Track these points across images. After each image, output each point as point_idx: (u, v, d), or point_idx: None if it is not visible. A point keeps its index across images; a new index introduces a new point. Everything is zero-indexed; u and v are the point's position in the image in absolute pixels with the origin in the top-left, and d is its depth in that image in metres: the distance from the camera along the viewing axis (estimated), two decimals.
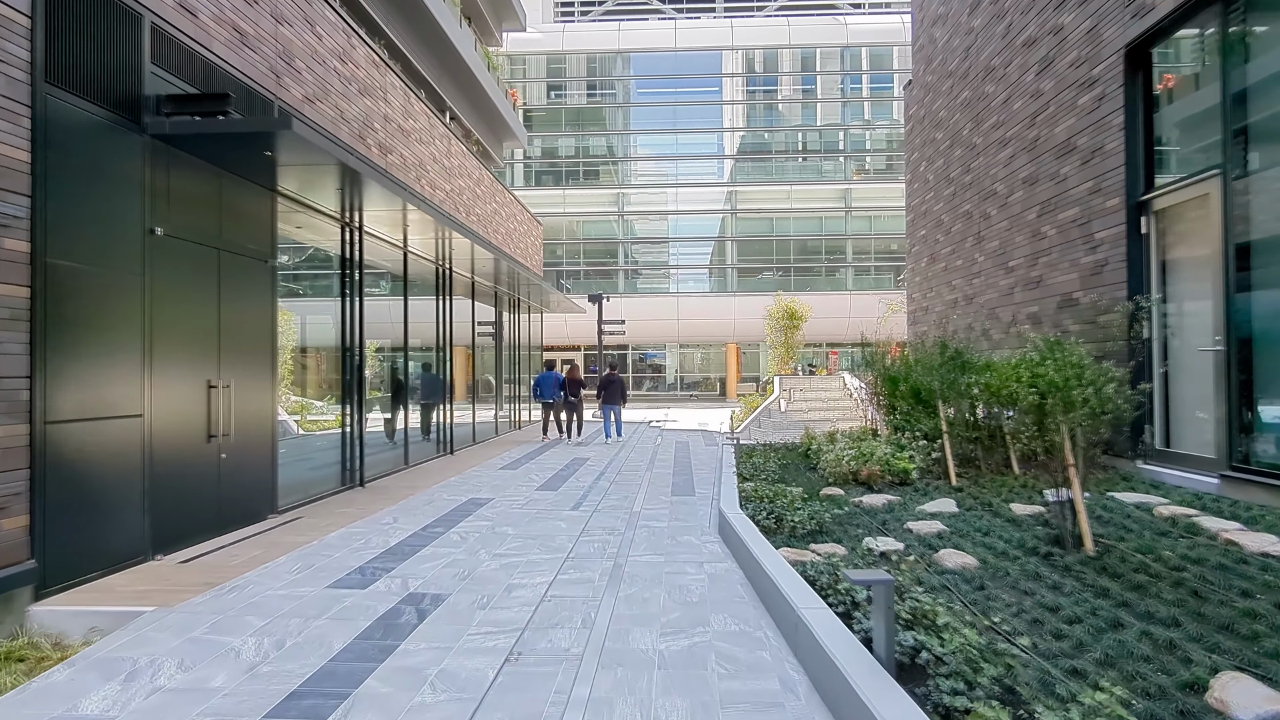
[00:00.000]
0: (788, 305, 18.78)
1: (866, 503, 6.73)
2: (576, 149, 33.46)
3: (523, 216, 17.58)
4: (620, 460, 11.28)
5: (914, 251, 12.32)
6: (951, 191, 10.58)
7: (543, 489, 8.51)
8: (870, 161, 32.53)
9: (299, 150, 5.89)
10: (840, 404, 16.54)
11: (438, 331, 11.75)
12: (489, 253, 11.95)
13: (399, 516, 6.84)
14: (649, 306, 31.17)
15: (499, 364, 16.72)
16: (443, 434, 11.71)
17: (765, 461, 9.16)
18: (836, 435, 10.19)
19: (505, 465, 10.59)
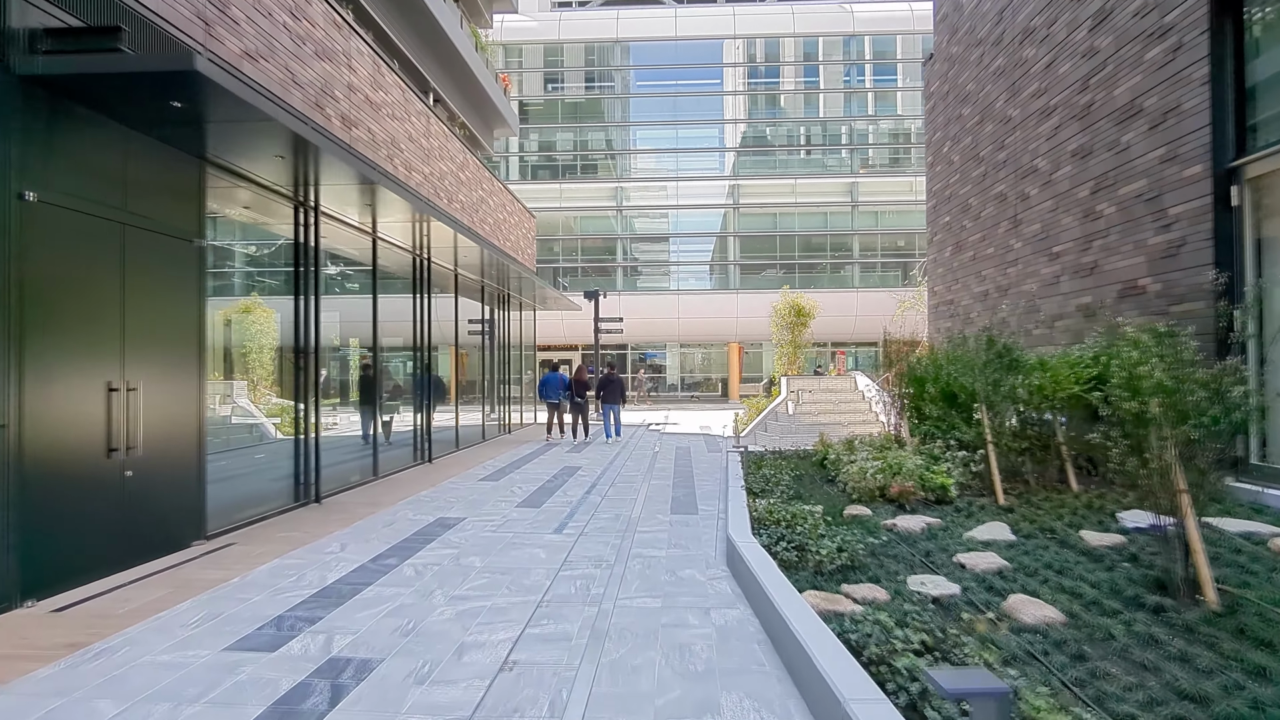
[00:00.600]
0: (794, 302, 17.75)
1: (902, 527, 5.69)
2: (574, 142, 32.44)
3: (514, 208, 16.55)
4: (615, 469, 10.24)
5: (936, 240, 11.30)
6: (981, 172, 9.56)
7: (524, 505, 7.46)
8: (874, 155, 31.50)
9: (221, 104, 4.85)
10: (853, 407, 15.50)
11: (415, 328, 10.72)
12: (474, 243, 10.93)
13: (349, 542, 5.80)
14: (649, 305, 30.14)
15: (487, 364, 15.69)
16: (420, 440, 10.67)
17: (777, 473, 8.12)
18: (856, 443, 9.15)
19: (486, 476, 9.55)
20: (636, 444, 13.88)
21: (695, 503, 7.69)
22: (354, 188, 7.36)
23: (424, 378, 10.80)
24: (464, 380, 13.64)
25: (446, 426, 12.36)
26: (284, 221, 7.41)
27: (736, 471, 8.58)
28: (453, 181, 12.04)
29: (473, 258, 12.26)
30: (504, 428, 15.79)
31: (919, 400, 8.65)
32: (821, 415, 15.10)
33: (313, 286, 7.53)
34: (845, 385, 16.17)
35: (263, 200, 7.03)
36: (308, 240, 7.53)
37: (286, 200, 7.32)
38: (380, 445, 9.37)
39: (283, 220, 7.41)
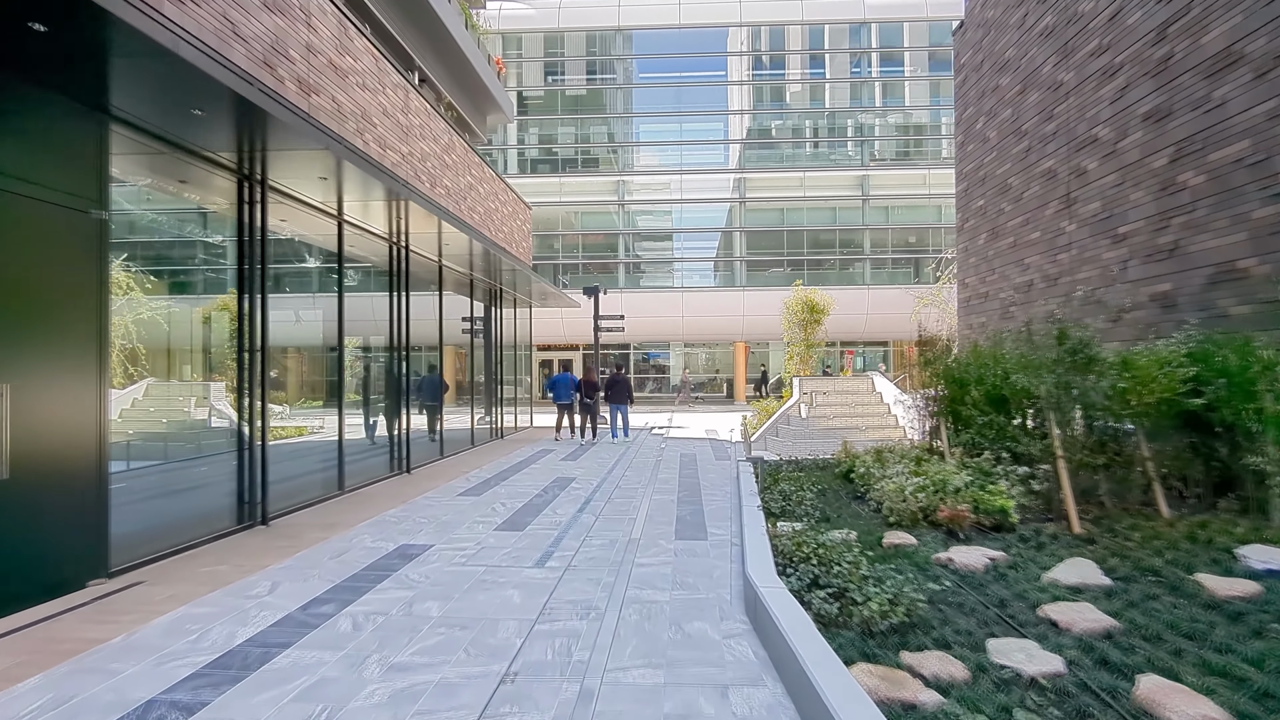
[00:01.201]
0: (807, 298, 16.66)
1: (960, 563, 4.63)
2: (575, 135, 31.39)
3: (507, 197, 15.51)
4: (613, 480, 9.19)
5: (968, 227, 10.23)
6: (1025, 147, 8.50)
7: (504, 528, 6.42)
8: (885, 147, 30.37)
9: (107, 34, 3.82)
10: (871, 410, 14.41)
11: (392, 324, 9.69)
12: (460, 232, 9.91)
13: (282, 581, 4.76)
14: (651, 302, 29.09)
15: (475, 364, 14.67)
16: (397, 447, 9.64)
17: (797, 488, 7.06)
18: (885, 453, 8.09)
19: (468, 489, 8.50)
20: (638, 450, 12.83)
21: (704, 524, 6.63)
22: (310, 160, 6.33)
23: (402, 378, 9.76)
24: (451, 381, 12.61)
25: (426, 431, 11.32)
26: (225, 199, 6.38)
27: (750, 486, 7.52)
28: (436, 164, 11.00)
29: (460, 248, 11.24)
30: (497, 432, 14.75)
31: (958, 405, 7.57)
32: (837, 419, 14.01)
33: (258, 274, 6.50)
34: (862, 387, 15.09)
35: (197, 171, 6.00)
36: (253, 220, 6.49)
37: (228, 174, 6.29)
38: (350, 455, 8.33)
39: (223, 198, 6.38)
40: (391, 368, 9.70)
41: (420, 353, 11.58)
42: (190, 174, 5.99)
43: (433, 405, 11.63)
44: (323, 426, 8.17)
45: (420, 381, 11.13)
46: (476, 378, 14.42)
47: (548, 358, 35.01)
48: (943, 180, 29.69)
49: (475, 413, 13.68)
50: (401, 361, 9.73)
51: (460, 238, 10.43)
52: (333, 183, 7.19)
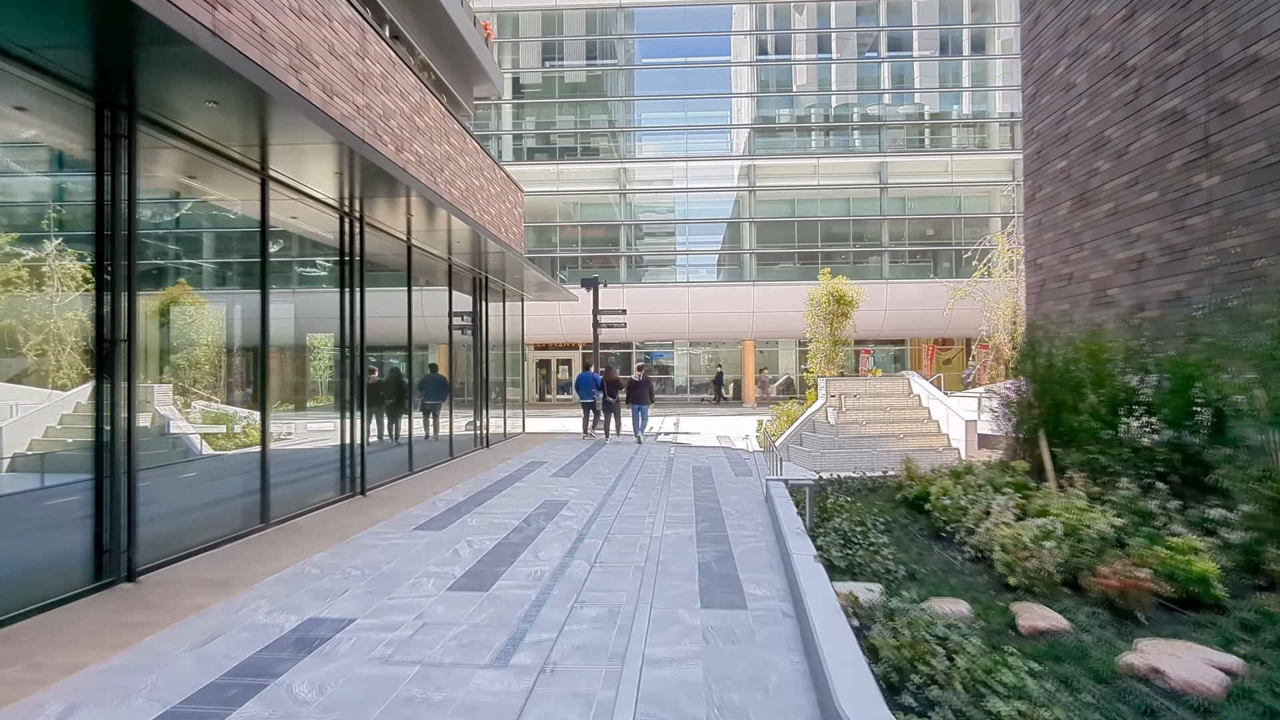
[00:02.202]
0: (835, 289, 14.89)
1: (1175, 678, 2.85)
2: (574, 119, 29.61)
3: (494, 175, 13.77)
4: (614, 505, 7.43)
5: (1042, 196, 8.48)
6: (1132, 87, 6.75)
7: (464, 584, 4.66)
8: (897, 133, 28.55)
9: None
10: (908, 415, 12.65)
11: (343, 313, 7.94)
12: (436, 205, 8.21)
13: (84, 704, 3.00)
14: (655, 298, 27.32)
15: (461, 363, 12.92)
16: (350, 463, 7.88)
17: (857, 524, 5.29)
18: (963, 474, 6.33)
19: (431, 519, 6.74)
20: (644, 460, 11.08)
21: (737, 576, 4.87)
22: (218, 90, 4.61)
23: (357, 378, 8.00)
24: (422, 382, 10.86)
25: (396, 444, 9.57)
26: (78, 136, 4.63)
27: (792, 519, 5.76)
28: (404, 125, 9.26)
29: (434, 227, 9.52)
30: (481, 440, 13.00)
31: (1066, 414, 5.80)
32: (871, 426, 12.24)
33: (122, 238, 4.74)
34: (896, 388, 13.32)
35: (34, 94, 4.27)
36: (114, 163, 4.73)
37: (81, 97, 4.54)
38: (281, 475, 6.57)
39: (75, 133, 4.63)
40: (345, 365, 7.93)
41: (384, 351, 9.85)
42: (30, 100, 4.25)
43: (432, 405, 11.01)
44: (251, 439, 6.42)
45: (421, 381, 10.64)
46: (460, 377, 12.67)
47: (545, 357, 33.26)
48: (966, 167, 27.91)
49: (456, 418, 11.92)
50: (356, 359, 7.97)
51: (435, 213, 8.71)
52: (252, 123, 5.46)
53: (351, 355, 7.94)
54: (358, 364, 7.97)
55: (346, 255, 8.00)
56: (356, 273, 8.05)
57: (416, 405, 10.95)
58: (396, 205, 8.32)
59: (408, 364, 9.71)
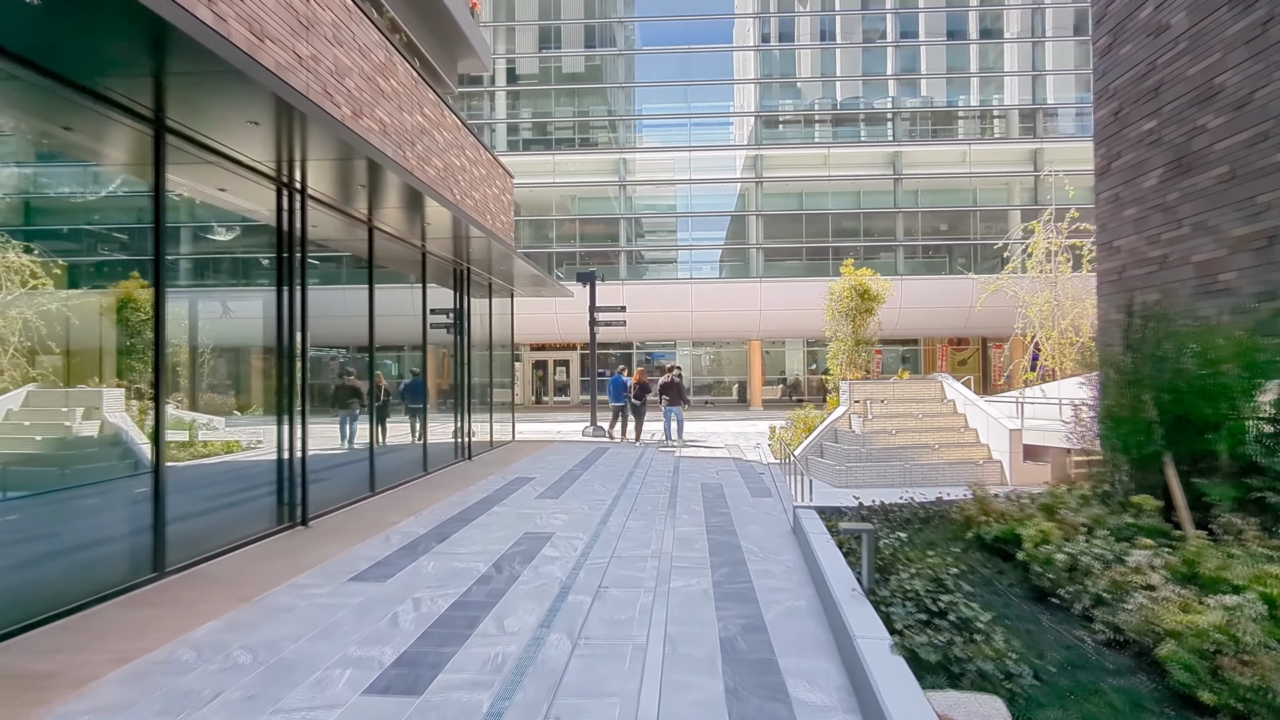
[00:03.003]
0: (859, 283, 13.49)
1: None
2: (571, 107, 28.21)
3: (479, 157, 12.41)
4: (607, 542, 6.05)
5: (1118, 167, 7.12)
6: (1260, 18, 5.38)
7: (389, 681, 3.29)
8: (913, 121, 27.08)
9: None
10: (943, 423, 11.27)
11: (280, 305, 6.55)
12: (406, 183, 6.88)
13: None
14: (656, 296, 25.93)
15: (437, 366, 11.56)
16: (288, 485, 6.49)
17: (932, 584, 3.91)
18: (1055, 505, 4.95)
19: (375, 564, 5.36)
20: (645, 475, 9.70)
21: (775, 663, 3.50)
22: None
23: (299, 382, 6.60)
24: (388, 386, 9.48)
25: (356, 459, 8.19)
26: None
27: (839, 571, 4.38)
28: (364, 86, 7.89)
29: (402, 208, 8.17)
30: (463, 451, 11.61)
31: (1190, 433, 4.40)
32: (902, 436, 10.85)
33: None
34: (928, 393, 11.93)
35: None
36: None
37: None
38: (186, 504, 5.19)
39: None
40: (283, 367, 6.55)
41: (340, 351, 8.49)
42: None
43: (416, 409, 10.25)
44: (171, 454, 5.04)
45: (405, 386, 10.23)
46: (434, 379, 11.29)
47: (542, 358, 31.90)
48: (984, 157, 26.49)
49: (436, 426, 10.55)
50: (294, 360, 6.58)
51: (403, 192, 7.36)
52: (144, 59, 4.10)
53: (289, 355, 6.55)
54: (297, 366, 6.59)
55: (284, 233, 6.61)
56: (295, 257, 6.66)
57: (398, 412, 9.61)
58: (351, 179, 6.95)
59: (369, 365, 8.32)
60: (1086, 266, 14.51)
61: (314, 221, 7.31)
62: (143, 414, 4.92)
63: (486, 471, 10.21)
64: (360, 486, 8.05)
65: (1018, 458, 10.49)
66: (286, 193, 6.64)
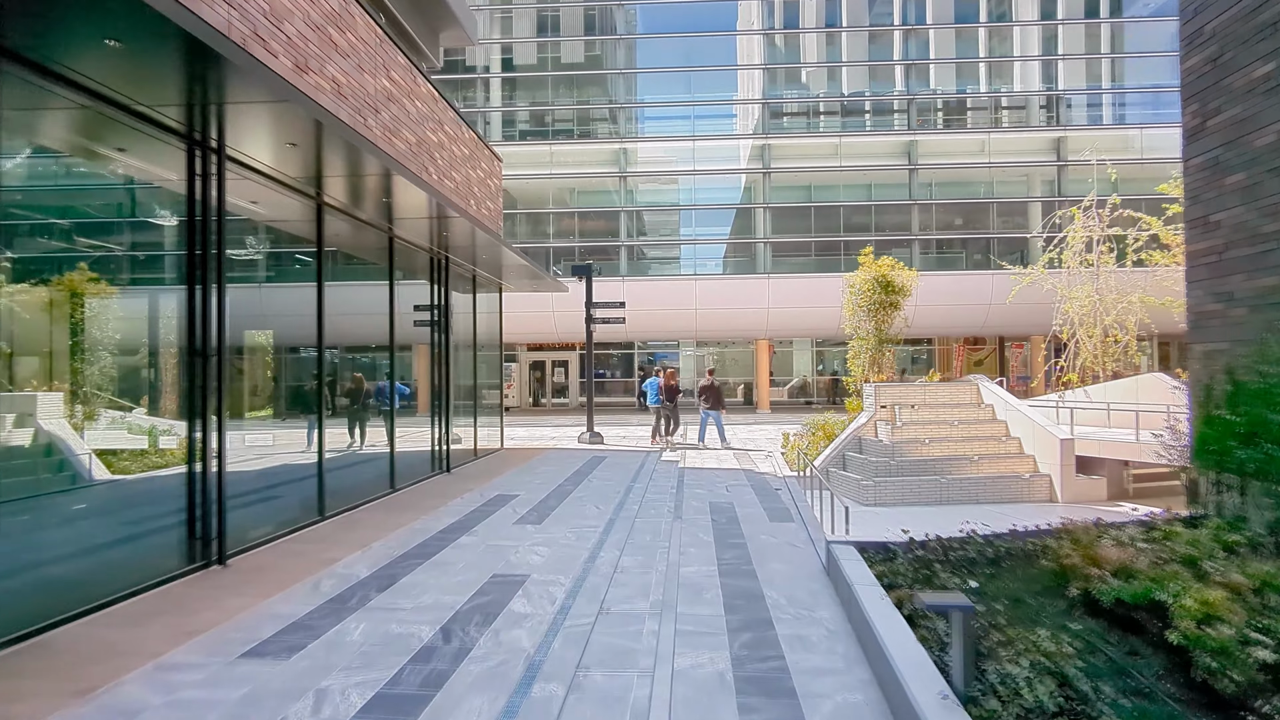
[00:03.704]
0: (883, 274, 12.20)
1: None
2: (570, 96, 26.98)
3: (460, 134, 11.18)
4: (595, 588, 4.81)
5: (1215, 125, 5.86)
6: None
7: None
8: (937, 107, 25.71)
9: None
10: (981, 430, 10.00)
11: (192, 292, 5.31)
12: (364, 152, 5.68)
13: None
14: (658, 293, 24.68)
15: (409, 367, 10.36)
16: (203, 512, 5.24)
17: (1056, 685, 2.64)
18: (1195, 556, 3.68)
19: (287, 627, 4.10)
20: (645, 492, 8.45)
21: None
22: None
23: (210, 385, 5.36)
24: (349, 389, 8.24)
25: (298, 475, 6.94)
26: None
27: (911, 655, 3.11)
28: (310, 35, 6.65)
29: (359, 181, 6.95)
30: (440, 463, 10.36)
31: None
32: (935, 446, 9.58)
33: None
34: (962, 396, 10.65)
35: None
36: None
37: None
38: (63, 542, 3.95)
39: None
40: (196, 366, 5.30)
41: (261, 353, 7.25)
42: None
43: (384, 415, 8.83)
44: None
45: (380, 389, 8.98)
46: (407, 383, 10.05)
47: (539, 358, 30.67)
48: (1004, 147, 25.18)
49: (404, 435, 9.31)
50: (206, 359, 5.33)
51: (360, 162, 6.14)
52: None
53: (203, 351, 5.31)
54: (212, 363, 5.34)
55: (197, 200, 5.36)
56: (210, 233, 5.41)
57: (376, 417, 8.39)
58: (287, 143, 5.71)
59: (318, 364, 7.07)
60: (1131, 257, 13.25)
61: (248, 195, 6.09)
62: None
63: (464, 487, 8.97)
64: (306, 510, 6.80)
65: (1069, 471, 9.21)
66: (200, 154, 5.39)
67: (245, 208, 6.37)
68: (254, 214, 6.60)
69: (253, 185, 6.20)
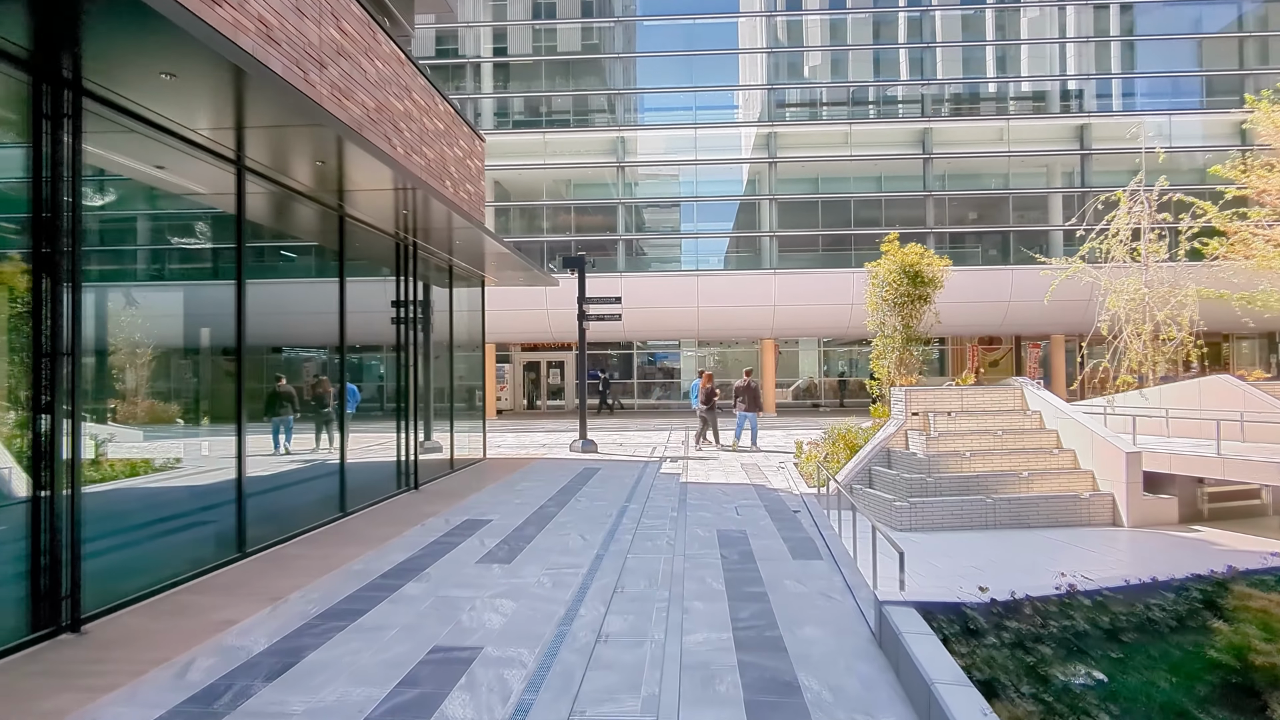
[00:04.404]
0: (908, 262, 10.91)
1: None
2: (566, 83, 25.69)
3: (432, 104, 9.90)
4: (569, 674, 3.51)
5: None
6: None
7: None
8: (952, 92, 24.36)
9: None
10: (1028, 439, 8.72)
11: (38, 281, 4.02)
12: (289, 101, 4.41)
13: None
14: (658, 290, 23.38)
15: (358, 369, 9.12)
16: (44, 565, 3.95)
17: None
18: None
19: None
20: (640, 515, 7.16)
21: None
22: None
23: (67, 392, 4.08)
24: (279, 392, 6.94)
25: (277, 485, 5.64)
26: None
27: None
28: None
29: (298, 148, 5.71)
30: (406, 477, 9.06)
31: None
32: (977, 460, 8.30)
33: None
34: (1004, 402, 9.37)
35: None
36: None
37: None
38: None
39: None
40: (41, 372, 4.01)
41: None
42: None
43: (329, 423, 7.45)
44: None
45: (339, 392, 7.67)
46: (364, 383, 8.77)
47: (534, 359, 29.38)
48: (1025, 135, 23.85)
49: (345, 448, 8.03)
50: (56, 359, 4.04)
51: (286, 113, 4.86)
52: None
53: (52, 350, 4.02)
54: (64, 365, 4.06)
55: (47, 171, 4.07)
56: (63, 195, 4.12)
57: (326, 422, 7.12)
58: (163, 73, 4.42)
59: (237, 364, 5.78)
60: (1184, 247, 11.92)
61: (151, 158, 4.80)
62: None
63: (429, 510, 7.68)
64: (220, 547, 5.51)
65: (1136, 489, 7.91)
66: (44, 92, 4.10)
67: (142, 172, 5.09)
68: (161, 182, 5.31)
69: (159, 147, 4.91)
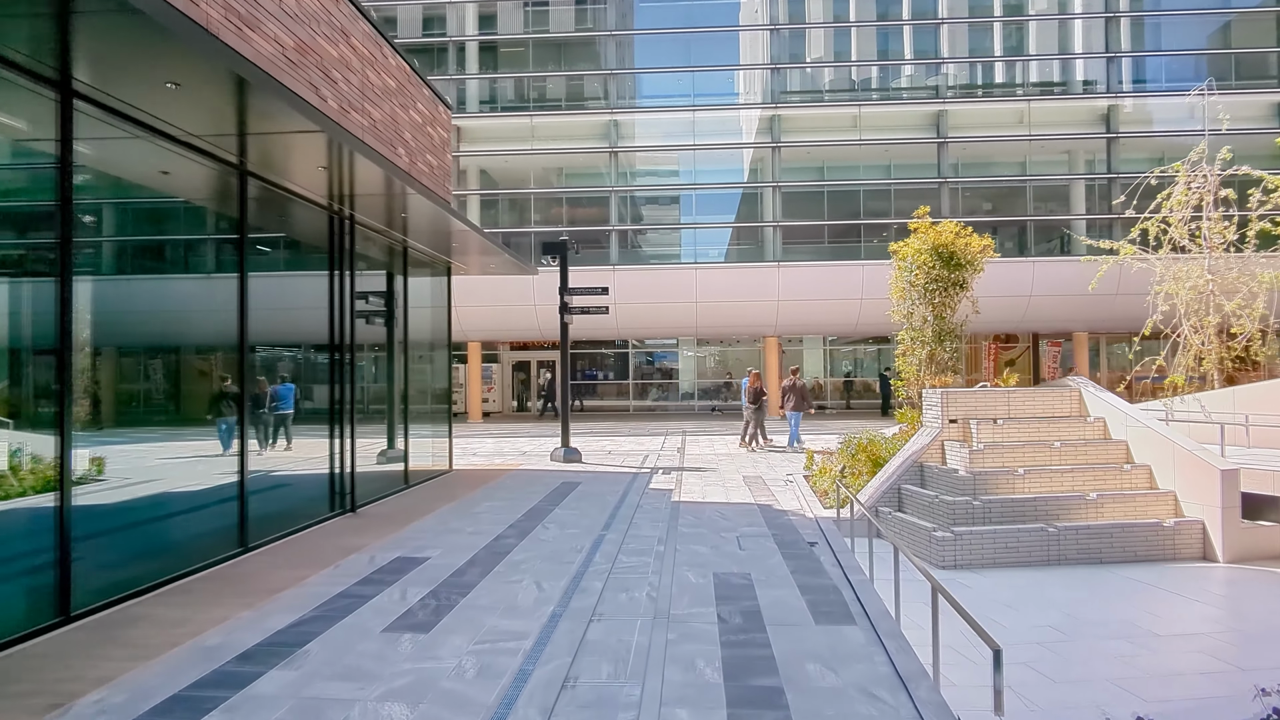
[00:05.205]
0: (942, 241, 9.39)
1: None
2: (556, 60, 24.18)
3: (380, 57, 8.41)
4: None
5: None
6: None
7: None
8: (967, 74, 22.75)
9: None
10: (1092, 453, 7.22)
11: None
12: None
13: None
14: (654, 284, 21.86)
15: (306, 368, 7.62)
16: None
17: None
18: None
19: None
20: (616, 552, 5.67)
21: None
22: None
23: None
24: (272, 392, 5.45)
25: (145, 513, 4.14)
26: None
27: None
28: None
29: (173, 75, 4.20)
30: (341, 497, 7.53)
31: None
32: (1033, 479, 6.76)
33: None
34: (1061, 406, 7.86)
35: None
36: None
37: None
38: None
39: None
40: None
41: None
42: None
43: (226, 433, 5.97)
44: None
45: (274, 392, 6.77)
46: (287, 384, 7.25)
47: (524, 359, 27.89)
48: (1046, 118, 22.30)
49: (245, 464, 6.53)
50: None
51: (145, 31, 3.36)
52: None
53: None
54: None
55: None
56: None
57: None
58: None
59: (58, 360, 4.29)
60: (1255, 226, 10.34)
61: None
62: None
63: (356, 542, 6.17)
64: (32, 611, 4.00)
65: (1233, 516, 6.41)
66: None
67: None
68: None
69: None
